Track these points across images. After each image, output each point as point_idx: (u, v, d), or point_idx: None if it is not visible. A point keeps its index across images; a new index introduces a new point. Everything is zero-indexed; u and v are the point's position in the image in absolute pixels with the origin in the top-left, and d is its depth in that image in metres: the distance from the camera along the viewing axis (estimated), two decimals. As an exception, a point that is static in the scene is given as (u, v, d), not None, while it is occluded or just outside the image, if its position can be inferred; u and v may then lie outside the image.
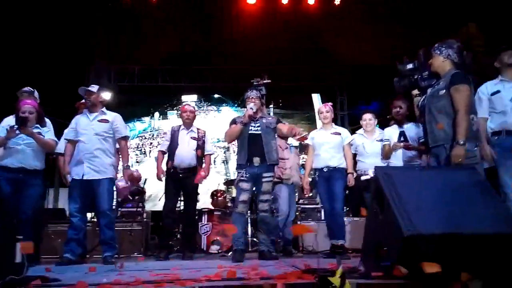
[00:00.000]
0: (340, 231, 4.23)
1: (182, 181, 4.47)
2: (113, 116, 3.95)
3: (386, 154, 4.07)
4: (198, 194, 4.75)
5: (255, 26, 8.73)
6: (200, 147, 4.61)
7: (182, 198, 4.78)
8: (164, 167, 4.60)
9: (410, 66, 2.92)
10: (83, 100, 4.22)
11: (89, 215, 4.93)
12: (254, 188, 3.95)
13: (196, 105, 10.00)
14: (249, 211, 5.89)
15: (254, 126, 3.97)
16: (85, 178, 3.72)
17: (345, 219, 5.11)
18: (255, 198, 4.10)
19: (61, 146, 4.35)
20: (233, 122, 4.06)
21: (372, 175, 4.23)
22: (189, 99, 10.12)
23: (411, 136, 3.94)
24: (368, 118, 4.65)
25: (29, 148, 3.57)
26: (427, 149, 2.94)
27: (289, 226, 4.91)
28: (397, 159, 3.99)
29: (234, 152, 7.69)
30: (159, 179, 4.58)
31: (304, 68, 9.63)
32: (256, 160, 3.85)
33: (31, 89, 4.11)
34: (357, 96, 10.38)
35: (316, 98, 10.45)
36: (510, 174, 3.01)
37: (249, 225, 5.63)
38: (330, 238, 4.31)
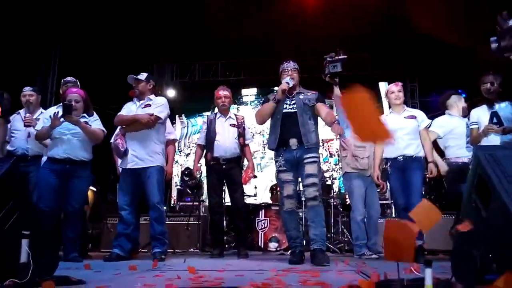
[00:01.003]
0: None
1: (226, 173, 4.11)
2: (155, 99, 3.71)
3: (474, 139, 3.42)
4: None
5: (317, 14, 8.26)
6: (242, 134, 4.23)
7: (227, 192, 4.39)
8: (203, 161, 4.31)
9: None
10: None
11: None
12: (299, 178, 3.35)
13: (256, 98, 9.80)
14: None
15: (289, 104, 3.36)
16: (129, 166, 3.52)
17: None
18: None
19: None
20: (266, 100, 3.46)
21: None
22: (249, 93, 9.95)
23: (506, 116, 3.24)
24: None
25: (75, 138, 3.43)
26: None
27: (374, 228, 4.27)
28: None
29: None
30: (195, 176, 4.38)
31: (371, 56, 8.96)
32: (293, 142, 3.25)
33: (74, 79, 4.05)
34: (431, 82, 9.53)
35: (383, 86, 9.75)
36: None
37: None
38: None
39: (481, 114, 3.44)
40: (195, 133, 9.76)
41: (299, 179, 3.37)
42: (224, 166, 4.09)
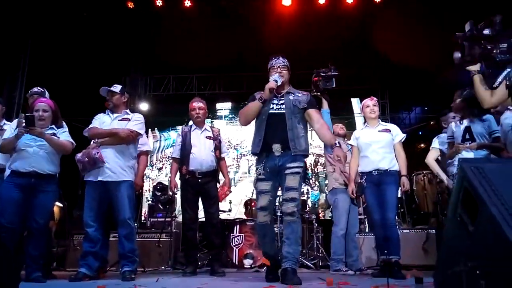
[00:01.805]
0: (395, 245, 3.54)
1: (201, 187, 3.97)
2: (135, 117, 3.59)
3: (450, 155, 3.48)
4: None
5: (291, 29, 8.36)
6: (218, 147, 4.12)
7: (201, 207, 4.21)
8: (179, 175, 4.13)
9: (487, 31, 2.31)
10: None
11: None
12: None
13: (230, 113, 9.76)
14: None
15: (277, 104, 3.04)
16: (101, 179, 3.34)
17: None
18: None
19: None
20: (252, 99, 3.12)
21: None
22: (224, 107, 9.91)
23: (478, 131, 3.31)
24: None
25: (42, 150, 3.22)
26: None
27: (354, 241, 4.34)
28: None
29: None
30: (173, 192, 4.15)
31: (343, 72, 9.11)
32: (276, 148, 2.92)
33: (41, 89, 3.88)
34: (399, 100, 9.80)
35: (355, 102, 9.94)
36: None
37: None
38: (380, 254, 3.66)
39: (455, 130, 3.50)
40: (168, 147, 9.60)
41: (279, 189, 3.10)
42: (200, 180, 3.95)
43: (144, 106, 9.40)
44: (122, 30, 8.46)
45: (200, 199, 4.08)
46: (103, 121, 3.54)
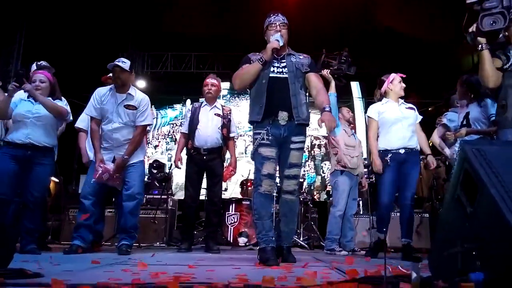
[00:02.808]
0: (410, 227, 3.47)
1: (206, 163, 3.95)
2: (140, 100, 3.43)
3: (450, 141, 3.48)
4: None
5: (293, 10, 8.21)
6: (226, 125, 4.06)
7: (204, 185, 4.22)
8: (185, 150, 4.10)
9: (494, 3, 2.18)
10: (110, 74, 3.85)
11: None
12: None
13: (228, 93, 9.69)
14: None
15: (278, 67, 2.76)
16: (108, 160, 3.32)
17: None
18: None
19: (83, 123, 4.03)
20: (247, 60, 2.81)
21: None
22: (222, 86, 9.78)
23: (474, 116, 3.30)
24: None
25: (39, 122, 3.18)
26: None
27: (351, 222, 4.38)
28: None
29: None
30: (176, 166, 4.06)
31: (355, 40, 8.93)
32: (283, 116, 2.65)
33: (49, 64, 3.80)
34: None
35: (355, 86, 9.89)
36: None
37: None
38: (379, 231, 3.61)
39: (459, 116, 3.48)
40: (165, 125, 9.58)
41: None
42: (205, 157, 3.93)
43: (141, 83, 9.29)
44: (120, 5, 8.29)
45: (204, 177, 4.07)
46: (107, 102, 3.37)
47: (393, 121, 3.52)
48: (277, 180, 3.28)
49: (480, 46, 2.34)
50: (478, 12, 2.25)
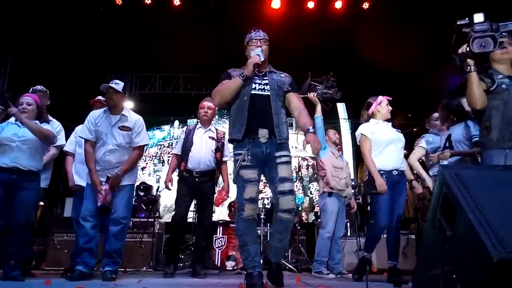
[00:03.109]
0: (396, 249, 3.48)
1: (198, 186, 3.95)
2: (134, 121, 3.42)
3: (428, 165, 3.56)
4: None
5: (280, 32, 8.36)
6: (220, 149, 4.10)
7: (194, 208, 4.23)
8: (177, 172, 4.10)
9: (485, 26, 2.25)
10: (100, 97, 3.87)
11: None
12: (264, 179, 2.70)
13: (217, 114, 9.74)
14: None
15: (260, 83, 2.69)
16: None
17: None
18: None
19: (70, 146, 4.04)
20: (227, 76, 2.74)
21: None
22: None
23: (455, 138, 3.38)
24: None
25: (24, 145, 3.16)
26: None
27: (338, 244, 4.42)
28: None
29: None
30: (167, 187, 4.03)
31: (330, 74, 9.14)
32: (263, 134, 2.58)
33: (44, 88, 3.82)
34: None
35: (341, 107, 10.06)
36: None
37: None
38: (366, 251, 3.58)
39: (441, 138, 3.56)
40: (152, 147, 9.53)
41: (263, 181, 2.77)
42: (197, 179, 3.93)
43: (129, 104, 9.29)
44: (109, 26, 8.37)
45: (195, 199, 4.07)
46: (101, 124, 3.37)
47: (388, 142, 3.52)
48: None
49: (468, 68, 2.38)
50: (466, 34, 2.32)
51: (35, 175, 3.24)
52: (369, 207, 5.35)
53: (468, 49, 2.29)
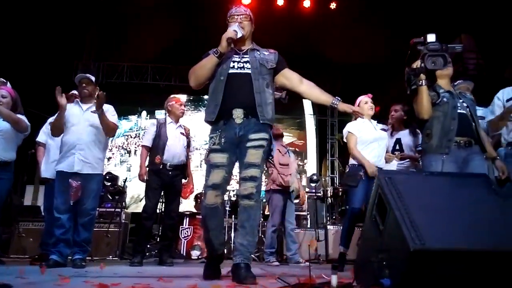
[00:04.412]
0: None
1: (171, 179, 4.08)
2: (107, 107, 3.53)
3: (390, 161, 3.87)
4: None
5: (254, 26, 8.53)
6: (189, 145, 4.31)
7: (162, 199, 4.37)
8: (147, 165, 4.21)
9: (437, 46, 2.42)
10: (74, 91, 3.93)
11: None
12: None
13: (185, 105, 9.80)
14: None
15: (239, 61, 2.51)
16: (75, 170, 3.35)
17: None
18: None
19: (42, 137, 4.16)
20: (206, 55, 2.54)
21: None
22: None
23: (406, 143, 3.72)
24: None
25: None
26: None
27: (292, 236, 4.69)
28: (392, 167, 3.79)
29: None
30: (142, 180, 4.11)
31: (297, 71, 9.45)
32: (238, 114, 2.40)
33: (4, 80, 3.82)
34: (349, 102, 10.29)
35: (307, 103, 10.30)
36: None
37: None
38: (344, 246, 3.73)
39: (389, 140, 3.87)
40: (119, 137, 9.46)
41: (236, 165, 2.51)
42: (170, 172, 4.06)
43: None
44: (77, 14, 8.24)
45: (164, 191, 4.19)
46: (72, 113, 3.47)
47: (371, 140, 3.67)
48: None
49: (420, 82, 2.58)
50: (420, 51, 2.55)
51: (8, 166, 3.31)
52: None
53: (421, 65, 2.54)
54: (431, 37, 2.52)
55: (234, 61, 2.50)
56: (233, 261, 2.35)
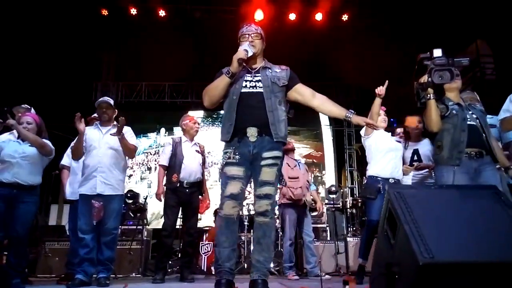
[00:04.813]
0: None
1: (188, 196, 4.19)
2: (126, 129, 3.68)
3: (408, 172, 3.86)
4: None
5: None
6: (204, 162, 4.41)
7: (180, 215, 4.44)
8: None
9: (443, 61, 2.50)
10: (95, 115, 4.10)
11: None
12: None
13: (202, 121, 9.97)
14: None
15: (251, 81, 2.56)
16: (97, 192, 3.51)
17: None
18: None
19: (66, 160, 4.35)
20: (219, 74, 2.60)
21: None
22: (196, 115, 10.06)
23: (424, 153, 3.71)
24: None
25: (25, 161, 3.37)
26: None
27: (310, 248, 4.67)
28: (409, 178, 3.78)
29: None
30: (159, 199, 4.23)
31: (310, 85, 9.50)
32: (252, 132, 2.46)
33: (28, 106, 4.01)
34: (364, 115, 10.26)
35: (324, 115, 10.30)
36: None
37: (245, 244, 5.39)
38: (363, 258, 3.69)
39: (404, 152, 3.87)
40: (139, 154, 9.66)
41: (251, 181, 2.58)
42: (187, 190, 4.17)
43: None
44: (95, 35, 8.53)
45: (182, 209, 4.29)
46: (92, 136, 3.64)
47: (387, 150, 3.70)
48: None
49: (428, 96, 2.64)
50: (427, 66, 2.62)
51: (34, 189, 3.45)
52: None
53: (429, 79, 2.59)
54: (437, 52, 2.57)
55: (246, 80, 2.55)
56: (250, 277, 2.41)
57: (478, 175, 2.55)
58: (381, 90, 3.34)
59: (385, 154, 3.69)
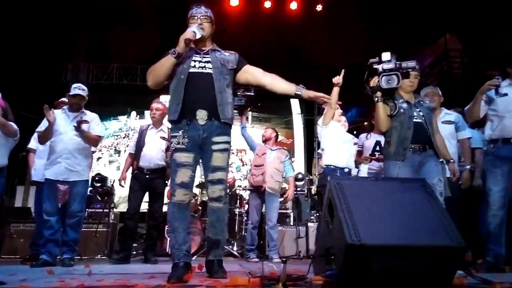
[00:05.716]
0: None
1: (149, 182, 4.32)
2: (93, 117, 3.80)
3: (357, 161, 4.11)
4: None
5: (236, 28, 8.71)
6: (168, 148, 4.48)
7: (147, 200, 4.55)
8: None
9: (391, 65, 2.68)
10: (63, 99, 4.09)
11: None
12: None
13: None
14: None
15: (200, 61, 2.52)
16: (62, 179, 3.58)
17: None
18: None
19: (33, 143, 4.37)
20: (165, 55, 2.51)
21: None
22: (167, 100, 10.05)
23: None
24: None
25: None
26: None
27: (269, 233, 4.84)
28: (364, 168, 4.04)
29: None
30: (120, 185, 4.43)
31: (283, 73, 9.61)
32: (202, 115, 2.42)
33: None
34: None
35: (295, 103, 10.49)
36: (495, 181, 3.00)
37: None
38: None
39: (365, 142, 4.13)
40: (108, 137, 9.57)
41: (200, 165, 2.57)
42: (147, 176, 4.29)
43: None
44: (67, 15, 8.34)
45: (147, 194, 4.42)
46: (59, 120, 3.67)
47: (343, 141, 3.96)
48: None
49: (377, 98, 2.85)
50: (376, 70, 2.80)
51: (0, 171, 3.46)
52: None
53: (377, 83, 2.79)
54: (385, 56, 2.75)
55: (195, 61, 2.51)
56: (205, 258, 2.51)
57: (421, 167, 2.79)
58: (338, 79, 3.48)
59: (342, 145, 3.94)
